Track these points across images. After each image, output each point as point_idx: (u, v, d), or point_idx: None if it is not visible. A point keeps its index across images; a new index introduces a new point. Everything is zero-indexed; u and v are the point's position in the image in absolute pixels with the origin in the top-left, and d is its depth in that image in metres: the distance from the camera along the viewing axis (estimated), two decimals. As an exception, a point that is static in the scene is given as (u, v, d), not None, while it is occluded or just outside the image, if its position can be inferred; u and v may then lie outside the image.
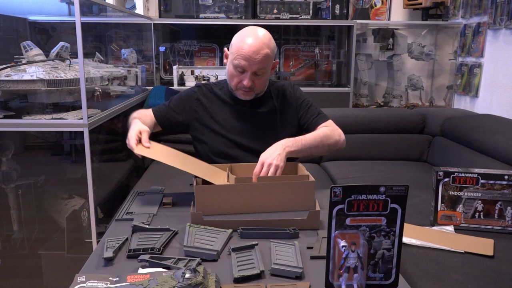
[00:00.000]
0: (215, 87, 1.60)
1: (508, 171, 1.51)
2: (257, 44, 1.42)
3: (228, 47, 1.53)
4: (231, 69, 1.48)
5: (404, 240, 1.39)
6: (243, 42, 1.43)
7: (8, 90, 1.78)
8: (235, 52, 1.44)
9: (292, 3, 3.25)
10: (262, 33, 1.46)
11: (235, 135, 1.52)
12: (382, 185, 0.84)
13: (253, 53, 1.41)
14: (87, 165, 1.81)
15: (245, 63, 1.42)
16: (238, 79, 1.46)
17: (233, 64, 1.45)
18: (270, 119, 1.56)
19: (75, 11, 1.68)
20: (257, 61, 1.42)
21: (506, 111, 2.68)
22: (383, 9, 3.43)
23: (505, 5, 2.62)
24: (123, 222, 1.22)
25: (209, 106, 1.56)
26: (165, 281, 0.84)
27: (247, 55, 1.41)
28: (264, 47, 1.42)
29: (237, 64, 1.43)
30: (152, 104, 2.71)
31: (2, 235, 2.09)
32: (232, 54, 1.46)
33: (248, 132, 1.53)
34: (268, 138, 1.45)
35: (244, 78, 1.45)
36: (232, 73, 1.47)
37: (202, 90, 1.59)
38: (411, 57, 3.35)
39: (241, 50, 1.42)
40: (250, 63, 1.42)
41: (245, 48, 1.41)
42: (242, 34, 1.47)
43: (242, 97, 1.51)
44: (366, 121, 2.84)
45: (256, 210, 1.22)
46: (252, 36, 1.43)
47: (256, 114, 1.55)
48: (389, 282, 0.90)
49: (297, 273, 0.92)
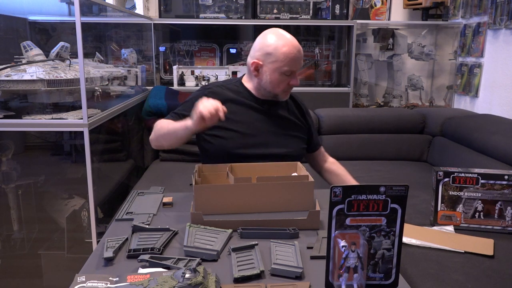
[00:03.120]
0: (223, 87, 1.60)
1: (508, 171, 1.51)
2: (295, 43, 1.48)
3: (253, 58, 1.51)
4: (276, 76, 1.49)
5: (404, 240, 1.40)
6: (284, 46, 1.46)
7: (8, 90, 1.78)
8: (283, 59, 1.46)
9: (292, 3, 3.25)
10: (283, 31, 1.51)
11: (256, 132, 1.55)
12: (382, 185, 0.84)
13: (298, 52, 1.48)
14: (87, 165, 1.81)
15: (296, 65, 1.49)
16: (286, 83, 1.51)
17: (281, 71, 1.48)
18: (284, 119, 1.60)
19: (75, 11, 1.68)
20: (301, 58, 1.51)
21: (506, 111, 2.68)
22: (383, 9, 3.43)
23: (505, 5, 2.62)
24: (123, 222, 1.22)
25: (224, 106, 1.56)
26: (165, 281, 0.84)
27: (296, 56, 1.47)
28: (297, 43, 1.50)
29: (287, 70, 1.47)
30: (152, 104, 2.72)
31: (2, 235, 2.08)
32: (277, 62, 1.47)
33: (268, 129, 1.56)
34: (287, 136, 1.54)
35: (292, 78, 1.51)
36: (279, 80, 1.50)
37: (212, 90, 1.57)
38: (411, 57, 3.35)
39: (290, 55, 1.46)
40: (298, 63, 1.49)
41: (291, 50, 1.46)
42: (275, 40, 1.48)
43: (285, 98, 1.58)
44: (366, 121, 2.84)
45: (256, 210, 1.22)
46: (283, 39, 1.48)
47: (272, 112, 1.59)
48: (389, 282, 0.90)
49: (297, 273, 0.92)
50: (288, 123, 1.61)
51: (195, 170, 1.33)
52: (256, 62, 1.50)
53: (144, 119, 2.78)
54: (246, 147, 1.52)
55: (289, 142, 1.58)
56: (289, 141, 1.58)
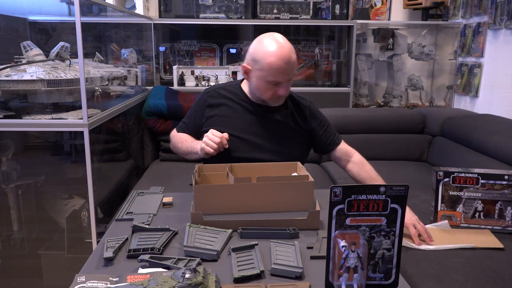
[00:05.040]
0: (222, 90, 1.61)
1: (508, 171, 1.51)
2: (285, 54, 1.41)
3: (245, 61, 1.51)
4: (262, 84, 1.47)
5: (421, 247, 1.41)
6: (271, 56, 1.41)
7: (8, 90, 1.78)
8: (268, 69, 1.42)
9: (292, 3, 3.25)
10: (281, 38, 1.45)
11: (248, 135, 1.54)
12: (382, 185, 0.84)
13: (286, 64, 1.41)
14: (87, 165, 1.81)
15: (282, 77, 1.43)
16: (273, 91, 1.47)
17: (266, 80, 1.44)
18: (283, 125, 1.58)
19: (75, 11, 1.68)
20: (289, 70, 1.44)
21: (506, 111, 2.68)
22: (383, 9, 3.43)
23: (505, 5, 2.62)
24: (123, 222, 1.22)
25: (220, 109, 1.58)
26: (165, 281, 0.84)
27: (282, 68, 1.41)
28: (291, 54, 1.43)
29: (273, 81, 1.44)
30: (152, 104, 2.71)
31: (2, 235, 2.08)
32: (263, 71, 1.44)
33: (260, 134, 1.55)
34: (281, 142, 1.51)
35: (279, 88, 1.46)
36: (265, 88, 1.47)
37: (211, 94, 1.61)
38: (411, 57, 3.35)
39: (275, 66, 1.41)
40: (286, 75, 1.43)
41: (278, 62, 1.40)
42: (265, 47, 1.43)
43: (275, 104, 1.54)
44: (366, 121, 2.84)
45: (256, 210, 1.22)
46: (274, 47, 1.42)
47: (270, 117, 1.57)
48: (389, 282, 0.90)
49: (297, 273, 0.92)
50: (284, 128, 1.58)
51: (195, 170, 1.33)
52: (245, 66, 1.50)
53: (144, 119, 2.78)
54: (241, 150, 1.52)
55: (283, 148, 1.55)
56: (283, 148, 1.55)
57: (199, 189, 1.20)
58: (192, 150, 1.53)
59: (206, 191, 1.21)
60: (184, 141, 1.59)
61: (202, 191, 1.20)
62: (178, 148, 1.62)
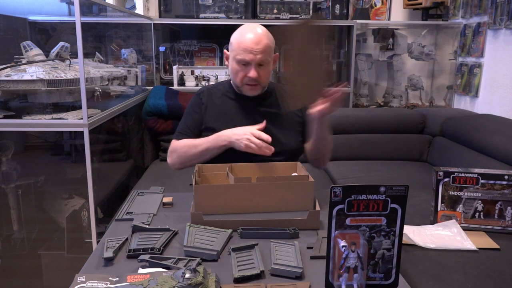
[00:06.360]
0: (214, 88, 1.64)
1: (508, 171, 1.51)
2: (257, 36, 1.47)
3: (227, 48, 1.57)
4: (234, 65, 1.51)
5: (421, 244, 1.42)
6: (243, 36, 1.48)
7: (8, 90, 1.78)
8: (236, 48, 1.48)
9: (292, 3, 3.25)
10: (259, 27, 1.52)
11: None
12: (382, 185, 0.84)
13: (255, 44, 1.46)
14: (87, 165, 1.81)
15: (249, 55, 1.46)
16: (243, 73, 1.50)
17: (236, 60, 1.49)
18: (275, 116, 1.57)
19: (75, 11, 1.68)
20: (259, 51, 1.46)
21: (506, 111, 2.68)
22: (383, 9, 3.43)
23: (505, 5, 2.62)
24: (123, 222, 1.22)
25: (214, 106, 1.59)
26: (165, 281, 0.84)
27: (249, 46, 1.46)
28: (264, 38, 1.48)
29: (240, 59, 1.47)
30: (152, 104, 2.72)
31: (2, 235, 2.08)
32: (234, 51, 1.50)
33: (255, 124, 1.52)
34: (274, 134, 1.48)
35: (249, 70, 1.48)
36: (236, 69, 1.50)
37: (204, 94, 1.62)
38: (411, 57, 3.35)
39: (242, 44, 1.47)
40: (253, 54, 1.46)
41: (246, 41, 1.46)
42: (240, 31, 1.52)
43: (249, 93, 1.54)
44: (366, 121, 2.84)
45: (256, 210, 1.22)
46: (250, 31, 1.49)
47: (261, 110, 1.58)
48: (389, 282, 0.90)
49: (297, 273, 0.92)
50: (277, 116, 1.56)
51: (195, 170, 1.33)
52: (225, 52, 1.58)
53: (144, 119, 2.78)
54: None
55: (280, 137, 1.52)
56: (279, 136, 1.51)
57: (199, 189, 1.20)
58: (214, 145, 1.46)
59: (206, 191, 1.21)
60: (196, 144, 1.51)
61: (202, 191, 1.20)
62: (191, 154, 1.51)
